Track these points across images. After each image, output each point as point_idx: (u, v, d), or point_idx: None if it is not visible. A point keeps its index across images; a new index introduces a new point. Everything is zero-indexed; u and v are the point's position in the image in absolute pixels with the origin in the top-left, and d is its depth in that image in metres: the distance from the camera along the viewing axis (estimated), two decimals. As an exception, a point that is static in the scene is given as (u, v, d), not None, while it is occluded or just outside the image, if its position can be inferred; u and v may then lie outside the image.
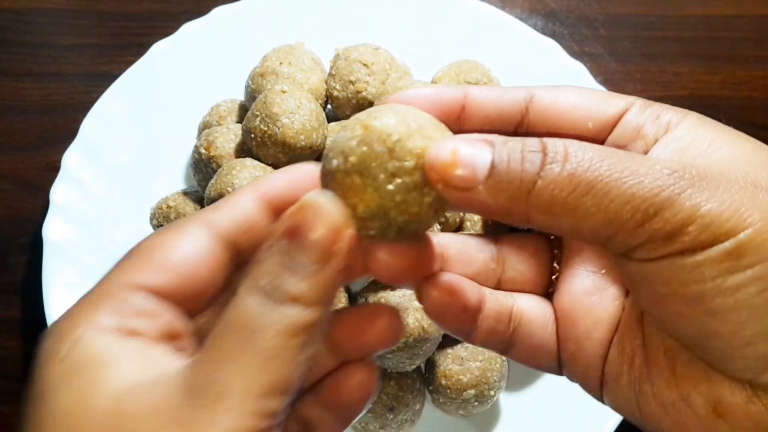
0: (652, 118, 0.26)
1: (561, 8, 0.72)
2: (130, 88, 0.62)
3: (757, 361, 0.21)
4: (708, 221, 0.20)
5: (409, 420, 0.51)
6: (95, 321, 0.23)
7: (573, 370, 0.27)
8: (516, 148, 0.22)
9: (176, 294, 0.25)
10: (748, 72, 0.70)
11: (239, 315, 0.22)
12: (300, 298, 0.22)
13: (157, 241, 0.25)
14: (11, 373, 0.58)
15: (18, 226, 0.62)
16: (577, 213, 0.21)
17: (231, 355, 0.22)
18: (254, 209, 0.26)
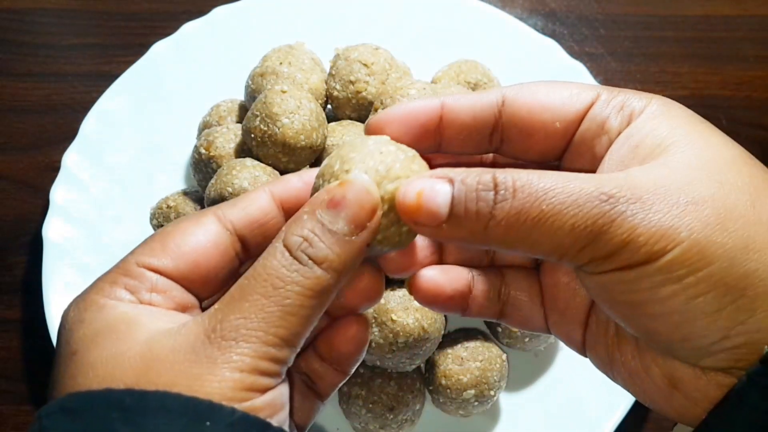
0: (616, 109, 0.27)
1: (561, 8, 0.72)
2: (130, 88, 0.62)
3: (694, 352, 0.24)
4: (641, 242, 0.23)
5: (409, 420, 0.51)
6: (115, 294, 0.27)
7: (558, 333, 0.31)
8: (471, 187, 0.25)
9: (186, 277, 0.27)
10: (748, 72, 0.70)
11: (267, 268, 0.25)
12: (328, 261, 0.25)
13: (172, 229, 0.28)
14: (11, 373, 0.58)
15: (18, 226, 0.62)
16: (528, 242, 0.24)
17: (253, 304, 0.24)
18: (268, 207, 0.29)
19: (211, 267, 0.28)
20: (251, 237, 0.29)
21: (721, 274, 0.23)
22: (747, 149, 0.27)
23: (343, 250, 0.25)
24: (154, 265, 0.27)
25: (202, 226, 0.28)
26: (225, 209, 0.29)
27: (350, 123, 0.54)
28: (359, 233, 0.26)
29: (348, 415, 0.52)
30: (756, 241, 0.23)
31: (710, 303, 0.23)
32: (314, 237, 0.25)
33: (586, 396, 0.54)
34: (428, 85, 0.50)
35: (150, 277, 0.27)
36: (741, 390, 0.24)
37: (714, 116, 0.68)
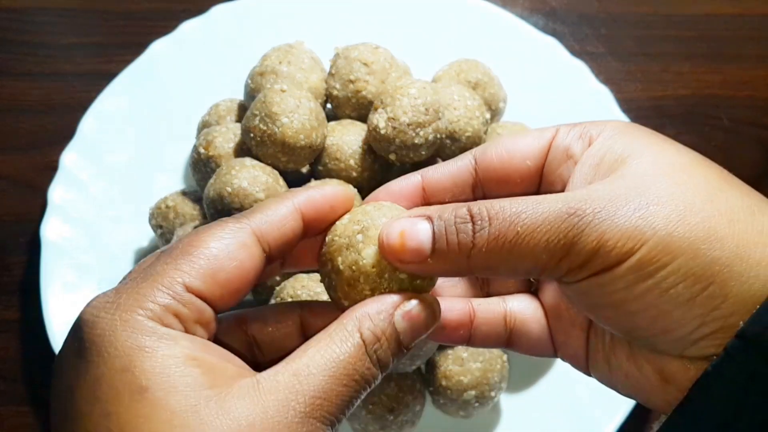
0: (576, 137, 0.30)
1: (562, 7, 0.71)
2: (129, 87, 0.61)
3: (676, 343, 0.26)
4: (610, 246, 0.25)
5: (410, 421, 0.51)
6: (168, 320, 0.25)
7: (565, 354, 0.32)
8: (450, 221, 0.27)
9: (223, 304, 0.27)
10: (749, 71, 0.70)
11: (345, 356, 0.26)
12: (386, 367, 0.28)
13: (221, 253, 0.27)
14: (9, 374, 0.58)
15: (17, 226, 0.62)
16: (509, 264, 0.26)
17: (332, 389, 0.26)
18: (297, 225, 0.29)
19: (247, 290, 0.28)
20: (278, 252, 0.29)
21: (688, 265, 0.24)
22: (748, 148, 0.28)
23: (397, 358, 0.28)
24: (204, 293, 0.26)
25: (246, 249, 0.27)
26: (263, 229, 0.28)
27: (350, 122, 0.54)
28: (411, 346, 0.29)
29: (347, 417, 0.52)
30: (717, 231, 0.25)
31: (682, 293, 0.25)
32: (386, 342, 0.27)
33: (588, 397, 0.54)
34: (428, 84, 0.50)
35: (198, 307, 0.26)
36: (719, 365, 0.25)
37: (715, 115, 0.68)
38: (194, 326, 0.26)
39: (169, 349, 0.24)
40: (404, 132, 0.48)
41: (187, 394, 0.24)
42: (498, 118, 0.59)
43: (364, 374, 0.27)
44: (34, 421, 0.57)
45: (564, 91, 0.63)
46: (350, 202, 0.30)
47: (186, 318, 0.26)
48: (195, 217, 0.54)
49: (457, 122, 0.52)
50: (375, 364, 0.27)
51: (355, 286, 0.29)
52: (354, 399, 0.26)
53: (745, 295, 0.24)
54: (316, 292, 0.49)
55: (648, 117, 0.68)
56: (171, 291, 0.26)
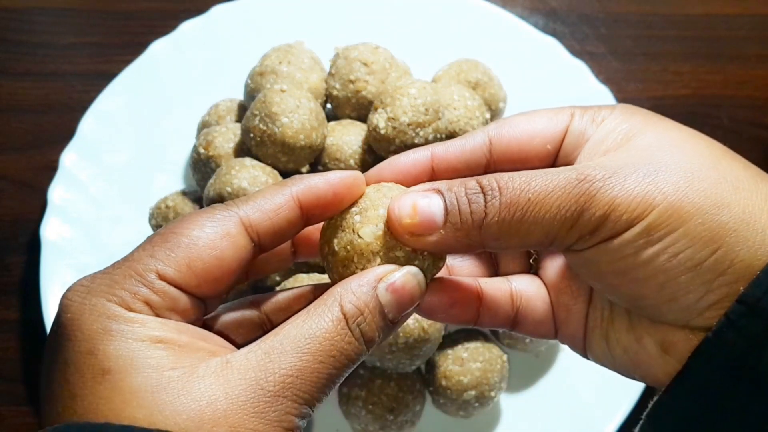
0: (590, 121, 0.30)
1: (562, 7, 0.71)
2: (129, 87, 0.61)
3: (683, 312, 0.26)
4: (621, 211, 0.25)
5: (410, 421, 0.51)
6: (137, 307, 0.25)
7: (565, 332, 0.32)
8: (461, 192, 0.27)
9: (202, 292, 0.27)
10: (749, 71, 0.70)
11: (324, 332, 0.25)
12: (371, 342, 0.27)
13: (200, 240, 0.26)
14: (9, 374, 0.58)
15: (16, 226, 0.62)
16: (521, 232, 0.26)
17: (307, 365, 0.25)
18: (295, 219, 0.28)
19: (231, 279, 0.27)
20: (272, 244, 0.29)
21: (696, 229, 0.25)
22: (748, 148, 0.29)
23: (384, 333, 0.27)
24: (177, 281, 0.26)
25: (230, 238, 0.27)
26: (252, 215, 0.28)
27: (350, 122, 0.54)
28: (399, 320, 0.27)
29: (348, 417, 0.52)
30: (723, 197, 0.25)
31: (690, 258, 0.25)
32: (369, 314, 0.26)
33: (588, 397, 0.54)
34: (428, 84, 0.50)
35: (172, 295, 0.26)
36: (719, 331, 0.25)
37: (715, 115, 0.68)
38: (167, 313, 0.26)
39: (134, 332, 0.25)
40: (404, 132, 0.48)
41: (148, 375, 0.24)
42: (498, 118, 0.59)
43: (343, 349, 0.26)
44: (34, 421, 0.57)
45: (564, 91, 0.63)
46: (358, 187, 0.29)
47: (157, 305, 0.26)
48: (195, 217, 0.54)
49: (457, 122, 0.52)
50: (358, 339, 0.26)
51: (348, 266, 0.28)
52: (335, 376, 0.26)
53: (752, 260, 0.25)
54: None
55: (648, 117, 0.68)
56: (143, 278, 0.26)
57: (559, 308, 0.32)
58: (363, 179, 0.29)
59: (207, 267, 0.26)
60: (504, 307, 0.32)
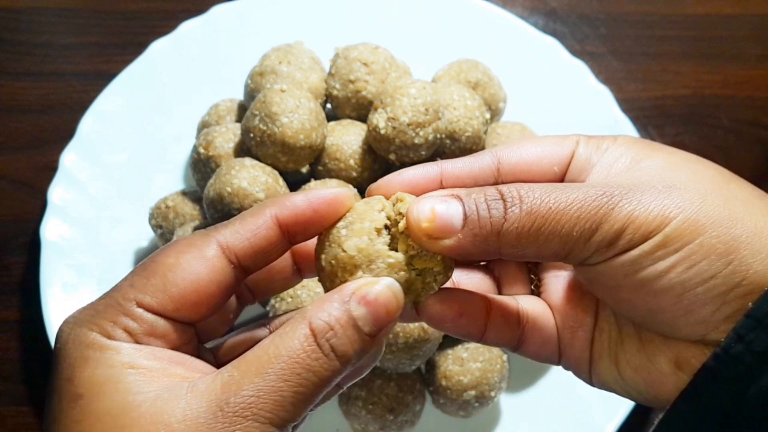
0: (594, 148, 0.31)
1: (562, 7, 0.71)
2: (129, 87, 0.61)
3: (699, 325, 0.26)
4: (638, 224, 0.26)
5: (410, 421, 0.51)
6: (115, 335, 0.27)
7: (569, 356, 0.32)
8: (480, 199, 0.27)
9: (185, 316, 0.28)
10: (749, 71, 0.70)
11: (289, 350, 0.25)
12: (345, 356, 0.26)
13: (174, 262, 0.28)
14: (9, 374, 0.58)
15: (16, 226, 0.62)
16: (539, 241, 0.27)
17: (269, 385, 0.25)
18: (274, 237, 0.29)
19: (212, 302, 0.28)
20: (254, 265, 0.29)
21: (711, 242, 0.25)
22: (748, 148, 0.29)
23: (360, 347, 0.26)
24: (155, 307, 0.27)
25: (206, 261, 0.28)
26: (229, 238, 0.28)
27: (350, 122, 0.54)
28: (377, 334, 0.27)
29: (348, 417, 0.52)
30: (736, 212, 0.26)
31: (706, 269, 0.25)
32: (340, 328, 0.26)
33: (588, 398, 0.54)
34: (428, 84, 0.50)
35: (149, 321, 0.27)
36: (728, 346, 0.25)
37: (715, 115, 0.68)
38: (146, 339, 0.27)
39: (108, 359, 0.26)
40: (404, 132, 0.48)
41: (115, 400, 0.25)
42: (498, 118, 0.59)
43: (310, 366, 0.25)
44: (34, 421, 0.57)
45: (564, 91, 0.63)
46: (341, 204, 0.29)
47: (135, 331, 0.27)
48: (195, 217, 0.54)
49: (457, 122, 0.52)
50: (328, 354, 0.26)
51: (333, 280, 0.28)
52: (304, 395, 0.25)
53: (765, 271, 0.25)
54: (316, 292, 0.49)
55: (648, 117, 0.68)
56: (122, 307, 0.27)
57: (564, 330, 0.32)
58: (349, 195, 0.29)
59: (183, 292, 0.27)
60: (511, 324, 0.31)
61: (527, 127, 0.57)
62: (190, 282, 0.27)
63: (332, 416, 0.53)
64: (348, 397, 0.51)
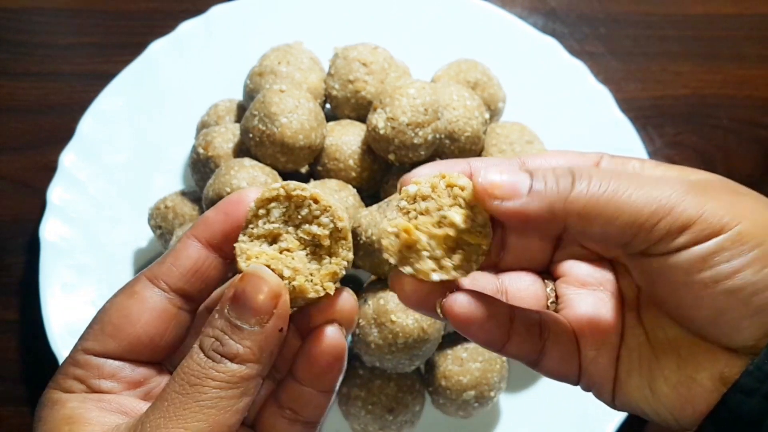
0: (619, 165, 0.30)
1: (561, 7, 0.71)
2: (128, 87, 0.61)
3: (761, 327, 0.26)
4: (710, 216, 0.25)
5: (409, 421, 0.51)
6: (67, 386, 0.29)
7: (592, 374, 0.31)
8: (549, 173, 0.27)
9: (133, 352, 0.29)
10: (749, 71, 0.70)
11: (183, 368, 0.27)
12: (239, 355, 0.26)
13: (109, 307, 0.29)
14: (9, 374, 0.58)
15: (16, 227, 0.62)
16: (606, 215, 0.26)
17: (171, 403, 0.26)
18: (197, 254, 0.29)
19: (154, 334, 0.29)
20: (190, 287, 0.30)
21: None
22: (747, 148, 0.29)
23: (253, 341, 0.27)
24: (97, 350, 0.29)
25: (136, 297, 0.29)
26: (156, 270, 0.30)
27: (349, 122, 0.54)
28: (266, 322, 0.27)
29: (347, 417, 0.52)
30: None
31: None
32: (223, 335, 0.27)
33: (588, 398, 0.54)
34: (428, 84, 0.50)
35: (95, 364, 0.29)
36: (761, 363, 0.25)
37: (715, 115, 0.68)
38: (97, 381, 0.29)
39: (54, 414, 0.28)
40: (403, 132, 0.48)
41: None
42: (497, 118, 0.59)
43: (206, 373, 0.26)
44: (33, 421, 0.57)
45: (563, 91, 0.63)
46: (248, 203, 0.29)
47: (84, 377, 0.29)
48: (194, 217, 0.54)
49: (456, 122, 0.52)
50: (218, 359, 0.27)
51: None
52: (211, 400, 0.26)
53: None
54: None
55: (648, 117, 0.68)
56: (72, 359, 0.29)
57: (587, 348, 0.31)
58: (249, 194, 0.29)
59: (117, 328, 0.29)
60: (533, 335, 0.30)
61: (527, 127, 0.57)
62: (122, 317, 0.29)
63: (332, 416, 0.53)
64: (347, 398, 0.51)
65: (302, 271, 0.28)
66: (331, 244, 0.29)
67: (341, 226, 0.28)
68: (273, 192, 0.28)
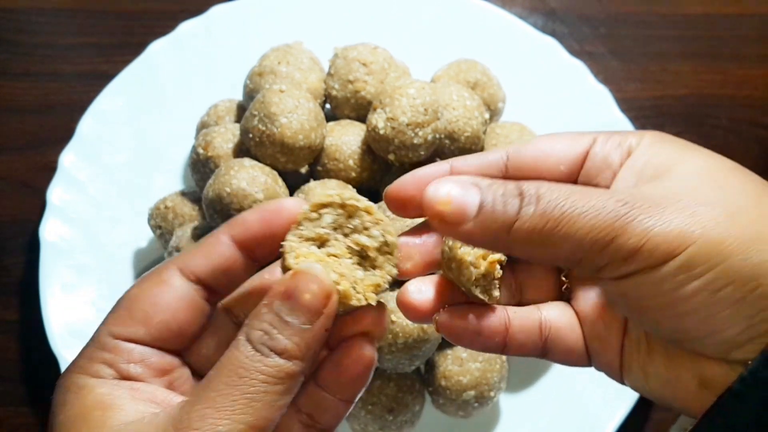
0: (614, 146, 0.30)
1: (561, 7, 0.71)
2: (128, 87, 0.61)
3: (723, 345, 0.26)
4: (659, 241, 0.25)
5: (409, 422, 0.51)
6: (94, 370, 0.28)
7: (601, 362, 0.32)
8: (498, 192, 0.26)
9: (159, 339, 0.29)
10: (749, 71, 0.70)
11: (231, 360, 0.26)
12: (287, 351, 0.27)
13: (138, 292, 0.29)
14: (8, 374, 0.58)
15: (15, 227, 0.62)
16: (549, 244, 0.26)
17: (219, 393, 0.26)
18: (229, 253, 0.30)
19: (183, 323, 0.29)
20: (216, 282, 0.30)
21: (738, 266, 0.25)
22: (747, 148, 0.28)
23: (301, 338, 0.27)
24: (125, 335, 0.28)
25: (166, 284, 0.29)
26: (187, 260, 0.30)
27: (349, 122, 0.54)
28: (315, 321, 0.27)
29: (347, 417, 0.52)
30: (765, 234, 0.25)
31: (732, 294, 0.25)
32: (273, 330, 0.27)
33: (587, 397, 0.54)
34: (427, 84, 0.50)
35: (125, 348, 0.28)
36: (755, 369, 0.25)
37: (715, 115, 0.68)
38: (126, 366, 0.28)
39: (82, 399, 0.27)
40: (403, 132, 0.48)
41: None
42: (497, 118, 0.59)
43: (255, 367, 0.26)
44: (34, 421, 0.57)
45: (563, 91, 0.63)
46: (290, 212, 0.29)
47: (113, 361, 0.28)
48: (194, 217, 0.54)
49: (456, 122, 0.52)
50: (268, 354, 0.26)
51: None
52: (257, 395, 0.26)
53: None
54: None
55: (648, 117, 0.68)
56: (97, 343, 0.28)
57: (593, 339, 0.31)
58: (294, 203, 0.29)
59: (147, 314, 0.29)
60: (532, 337, 0.31)
61: (526, 127, 0.57)
62: (153, 304, 0.29)
63: (332, 416, 0.53)
64: (347, 398, 0.51)
65: (348, 277, 0.29)
66: (376, 256, 0.29)
67: (391, 241, 0.29)
68: (329, 198, 0.29)
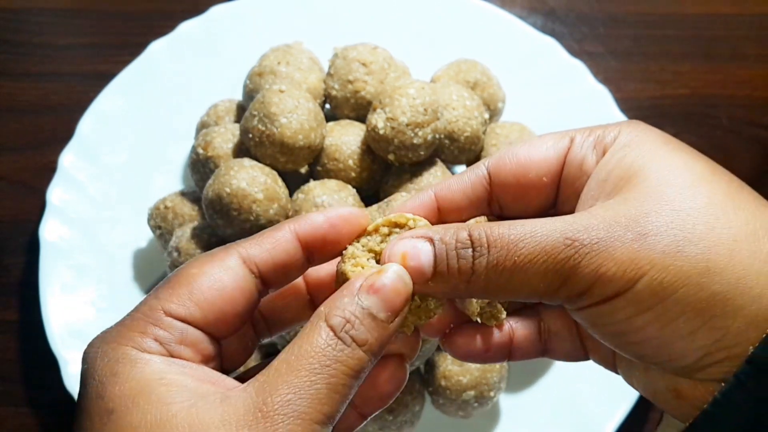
0: (590, 147, 0.30)
1: (561, 7, 0.71)
2: (128, 87, 0.61)
3: (684, 369, 0.26)
4: (609, 277, 0.25)
5: (409, 422, 0.51)
6: (145, 345, 0.27)
7: (596, 357, 0.33)
8: (451, 246, 0.27)
9: (211, 325, 0.28)
10: (748, 71, 0.70)
11: (314, 346, 0.26)
12: (368, 344, 0.27)
13: (198, 272, 0.28)
14: (8, 375, 0.58)
15: (15, 227, 0.62)
16: (508, 290, 0.27)
17: (303, 380, 0.25)
18: (293, 250, 0.30)
19: (237, 313, 0.29)
20: (273, 277, 0.30)
21: (688, 299, 0.25)
22: (747, 148, 0.28)
23: (380, 334, 0.27)
24: (182, 315, 0.28)
25: (228, 270, 0.28)
26: (250, 250, 0.29)
27: (349, 123, 0.54)
28: (394, 319, 0.27)
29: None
30: (717, 264, 0.25)
31: (683, 327, 0.25)
32: (356, 320, 0.27)
33: (587, 397, 0.54)
34: (427, 84, 0.50)
35: (179, 328, 0.27)
36: (729, 391, 0.25)
37: (714, 115, 0.68)
38: (177, 347, 0.27)
39: (139, 372, 0.26)
40: (403, 132, 0.48)
41: (148, 411, 0.25)
42: (497, 118, 0.59)
43: (337, 357, 0.26)
44: (34, 421, 0.57)
45: (563, 91, 0.63)
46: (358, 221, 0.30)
47: (165, 339, 0.27)
48: (194, 217, 0.54)
49: (456, 122, 0.52)
50: (351, 345, 0.26)
51: None
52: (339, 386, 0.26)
53: (748, 327, 0.25)
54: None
55: (647, 117, 0.68)
56: (149, 317, 0.27)
57: (586, 337, 0.33)
58: (363, 214, 0.30)
59: (208, 298, 0.28)
60: (533, 343, 0.33)
61: (526, 127, 0.57)
62: (215, 289, 0.28)
63: (331, 416, 0.53)
64: (347, 398, 0.51)
65: None
66: None
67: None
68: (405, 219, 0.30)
